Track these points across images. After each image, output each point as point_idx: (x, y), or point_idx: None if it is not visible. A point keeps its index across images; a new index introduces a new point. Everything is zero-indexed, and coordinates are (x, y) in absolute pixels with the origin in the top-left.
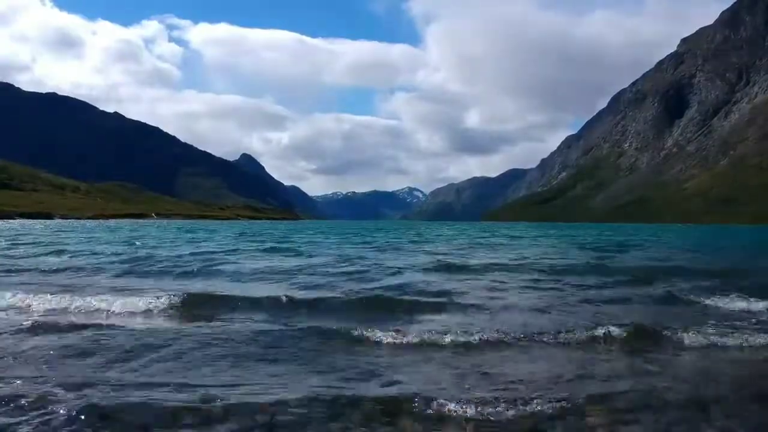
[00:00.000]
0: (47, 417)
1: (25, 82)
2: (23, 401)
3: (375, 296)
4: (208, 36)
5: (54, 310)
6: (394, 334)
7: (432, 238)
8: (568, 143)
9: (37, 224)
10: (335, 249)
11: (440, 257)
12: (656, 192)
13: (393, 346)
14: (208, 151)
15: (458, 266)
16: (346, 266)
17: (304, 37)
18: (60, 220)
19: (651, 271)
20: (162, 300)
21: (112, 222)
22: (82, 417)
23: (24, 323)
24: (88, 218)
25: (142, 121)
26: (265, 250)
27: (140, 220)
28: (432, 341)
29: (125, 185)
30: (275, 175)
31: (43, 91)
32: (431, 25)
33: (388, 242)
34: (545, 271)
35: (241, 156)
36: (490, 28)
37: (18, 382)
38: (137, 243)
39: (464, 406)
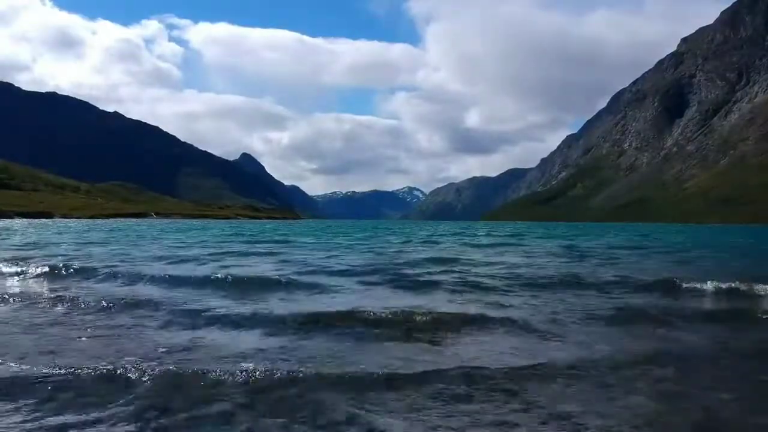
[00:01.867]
0: None
1: (25, 82)
2: None
3: None
4: (208, 36)
5: None
6: None
7: None
8: (568, 143)
9: (24, 223)
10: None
11: None
12: (656, 192)
13: None
14: (209, 150)
15: None
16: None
17: (304, 37)
18: (35, 221)
19: None
20: None
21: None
22: None
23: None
24: (89, 218)
25: (143, 120)
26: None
27: (138, 220)
28: None
29: (125, 185)
30: (275, 175)
31: (44, 91)
32: (431, 25)
33: None
34: None
35: (241, 156)
36: (490, 28)
37: None
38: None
39: None
